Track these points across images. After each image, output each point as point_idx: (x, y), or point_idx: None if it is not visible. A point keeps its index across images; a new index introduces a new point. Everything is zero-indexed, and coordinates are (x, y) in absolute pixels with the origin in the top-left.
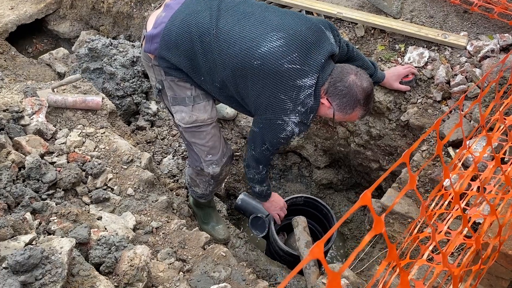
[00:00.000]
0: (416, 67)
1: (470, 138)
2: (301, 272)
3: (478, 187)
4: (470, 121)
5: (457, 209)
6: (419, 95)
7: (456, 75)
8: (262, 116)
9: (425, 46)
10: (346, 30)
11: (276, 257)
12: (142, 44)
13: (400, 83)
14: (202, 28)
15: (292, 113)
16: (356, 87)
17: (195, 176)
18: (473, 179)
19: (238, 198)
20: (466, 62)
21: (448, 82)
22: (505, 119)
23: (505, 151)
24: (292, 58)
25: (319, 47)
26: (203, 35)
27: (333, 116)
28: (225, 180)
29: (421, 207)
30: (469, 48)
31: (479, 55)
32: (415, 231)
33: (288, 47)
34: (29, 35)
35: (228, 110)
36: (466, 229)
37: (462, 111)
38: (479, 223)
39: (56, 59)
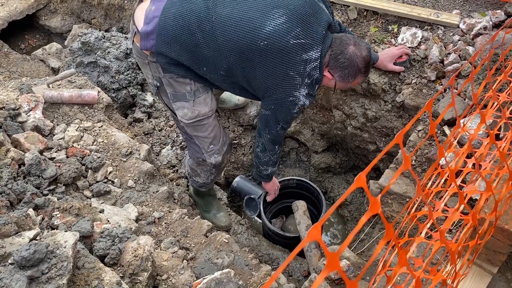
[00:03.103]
0: (409, 47)
1: (465, 117)
2: (303, 255)
3: (474, 164)
4: (464, 99)
5: (453, 186)
6: (414, 76)
7: (449, 54)
8: (273, 96)
9: (418, 26)
10: (338, 12)
11: (267, 236)
12: (133, 41)
13: (394, 64)
14: (199, 17)
15: (302, 86)
16: (356, 58)
17: (196, 167)
18: (470, 156)
19: (234, 180)
20: (459, 40)
21: (442, 61)
22: (498, 95)
23: (500, 127)
24: (296, 33)
25: (317, 18)
26: (202, 24)
27: (335, 86)
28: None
29: (416, 186)
30: (461, 26)
31: (472, 32)
32: (413, 210)
33: (291, 22)
34: (21, 31)
35: (238, 96)
36: (463, 205)
37: (456, 89)
38: (476, 200)
39: (49, 54)
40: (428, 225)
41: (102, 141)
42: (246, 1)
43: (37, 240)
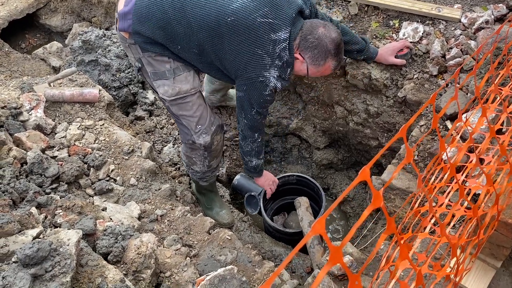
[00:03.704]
0: (411, 42)
1: (467, 111)
2: (306, 252)
3: (480, 159)
4: (467, 94)
5: (455, 182)
6: (415, 70)
7: (451, 48)
8: (244, 76)
9: (419, 21)
10: (339, 8)
11: (267, 232)
12: (116, 27)
13: (396, 57)
14: None
15: (272, 67)
16: (325, 38)
17: (190, 152)
18: (473, 151)
19: (235, 178)
20: (461, 34)
21: (443, 56)
22: (501, 89)
23: (503, 121)
24: (264, 12)
25: (288, 2)
26: (174, 2)
27: (307, 71)
28: (222, 159)
29: (417, 181)
30: (463, 20)
31: (474, 27)
32: (416, 205)
33: (258, 1)
34: (22, 30)
35: None
36: (467, 200)
37: (459, 84)
38: (479, 195)
39: (50, 53)
40: (433, 221)
41: (104, 139)
42: None
43: (40, 238)
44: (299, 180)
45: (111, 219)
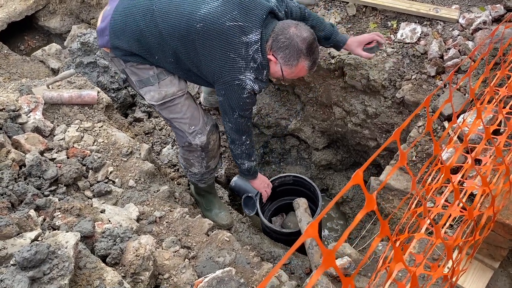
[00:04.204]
0: (409, 43)
1: (464, 112)
2: (305, 253)
3: (475, 160)
4: (465, 95)
5: (451, 183)
6: (413, 71)
7: (449, 49)
8: (220, 81)
9: (417, 21)
10: (337, 9)
11: (267, 234)
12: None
13: (364, 50)
14: (142, 8)
15: (247, 70)
16: (296, 37)
17: (187, 155)
18: (471, 152)
19: (232, 180)
20: (458, 35)
21: (441, 57)
22: (498, 90)
23: (500, 122)
24: (232, 16)
25: (258, 4)
26: (145, 14)
27: (282, 72)
28: (220, 160)
29: (412, 182)
30: (461, 21)
31: (471, 27)
32: (413, 205)
33: (227, 6)
34: (20, 32)
35: None
36: (465, 201)
37: (455, 85)
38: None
39: (49, 55)
40: (429, 221)
41: (103, 141)
42: None
43: (38, 241)
44: (296, 180)
45: (109, 221)
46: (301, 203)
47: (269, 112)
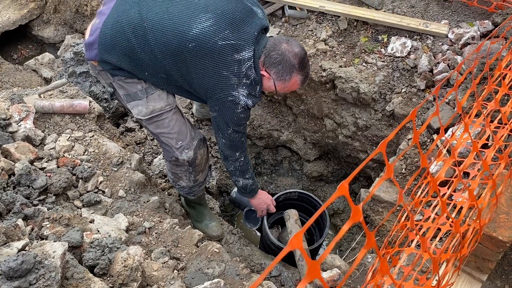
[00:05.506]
0: (399, 57)
1: (453, 125)
2: (295, 265)
3: (464, 173)
4: (454, 108)
5: (439, 196)
6: (403, 85)
7: (438, 63)
8: (213, 97)
9: (407, 36)
10: (329, 23)
11: (269, 251)
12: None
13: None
14: (133, 24)
15: (239, 86)
16: (288, 53)
17: (175, 169)
18: (459, 165)
19: (233, 191)
20: (448, 50)
21: (431, 71)
22: (486, 104)
23: (488, 136)
24: (224, 35)
25: (249, 22)
26: (136, 30)
27: (275, 87)
28: (209, 172)
29: (398, 195)
30: (450, 36)
31: (460, 42)
32: (402, 218)
33: (218, 25)
34: (14, 41)
35: None
36: (454, 214)
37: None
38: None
39: (42, 64)
40: (418, 237)
41: (93, 151)
42: (177, 6)
43: (25, 250)
44: (301, 196)
45: (98, 231)
46: (291, 214)
47: (261, 123)
